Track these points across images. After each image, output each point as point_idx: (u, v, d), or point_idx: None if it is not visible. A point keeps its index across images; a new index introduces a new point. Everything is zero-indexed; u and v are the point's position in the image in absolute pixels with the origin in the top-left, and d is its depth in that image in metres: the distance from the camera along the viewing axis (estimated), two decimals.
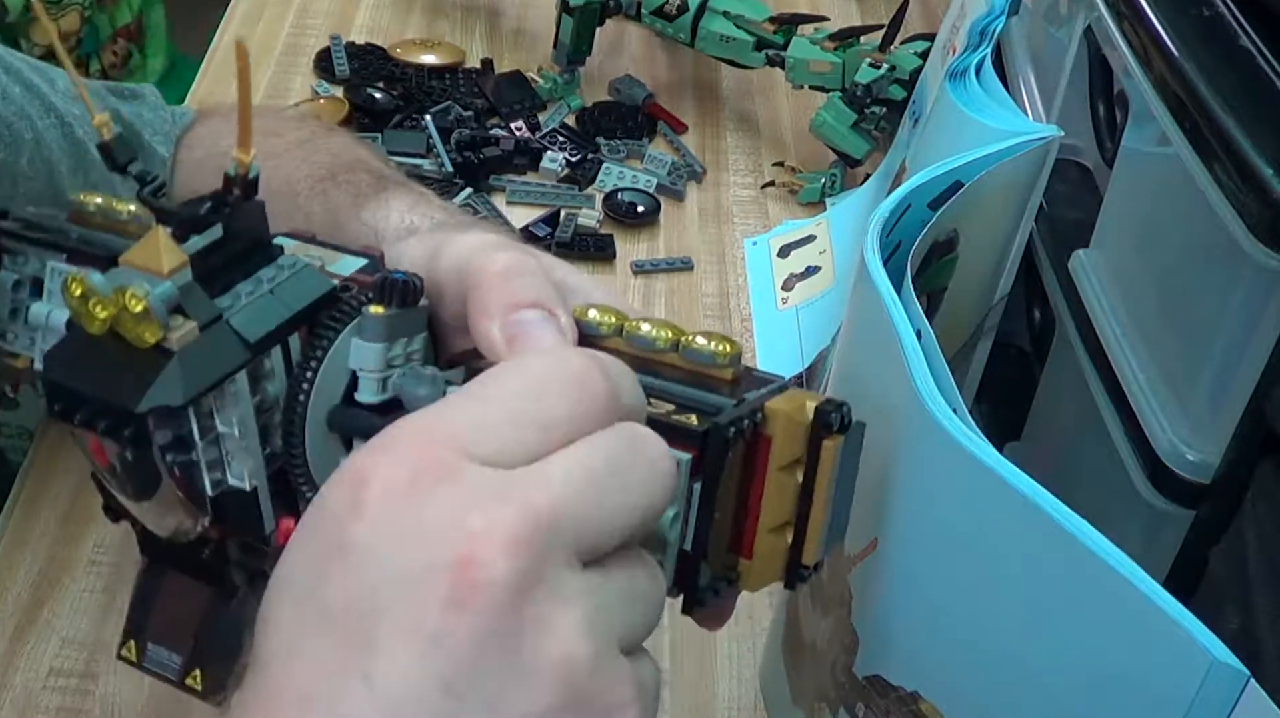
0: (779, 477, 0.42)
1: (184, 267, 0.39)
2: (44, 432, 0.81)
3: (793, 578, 0.43)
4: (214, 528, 0.42)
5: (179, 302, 0.39)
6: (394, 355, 0.43)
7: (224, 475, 0.42)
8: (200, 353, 0.39)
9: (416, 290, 0.43)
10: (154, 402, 0.38)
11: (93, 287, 0.38)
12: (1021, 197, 0.62)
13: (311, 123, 0.75)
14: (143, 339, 0.38)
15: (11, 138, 0.66)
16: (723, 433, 0.40)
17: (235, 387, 0.40)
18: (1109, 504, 0.61)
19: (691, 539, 0.41)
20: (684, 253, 1.01)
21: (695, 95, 1.17)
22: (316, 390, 0.42)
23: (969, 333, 0.67)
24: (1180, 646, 0.37)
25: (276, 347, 0.42)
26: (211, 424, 0.41)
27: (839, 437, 0.41)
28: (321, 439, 0.43)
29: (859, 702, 0.53)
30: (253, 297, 0.41)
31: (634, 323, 0.44)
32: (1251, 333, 0.53)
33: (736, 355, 0.43)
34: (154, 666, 0.44)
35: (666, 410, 0.41)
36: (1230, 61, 0.56)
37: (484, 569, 0.32)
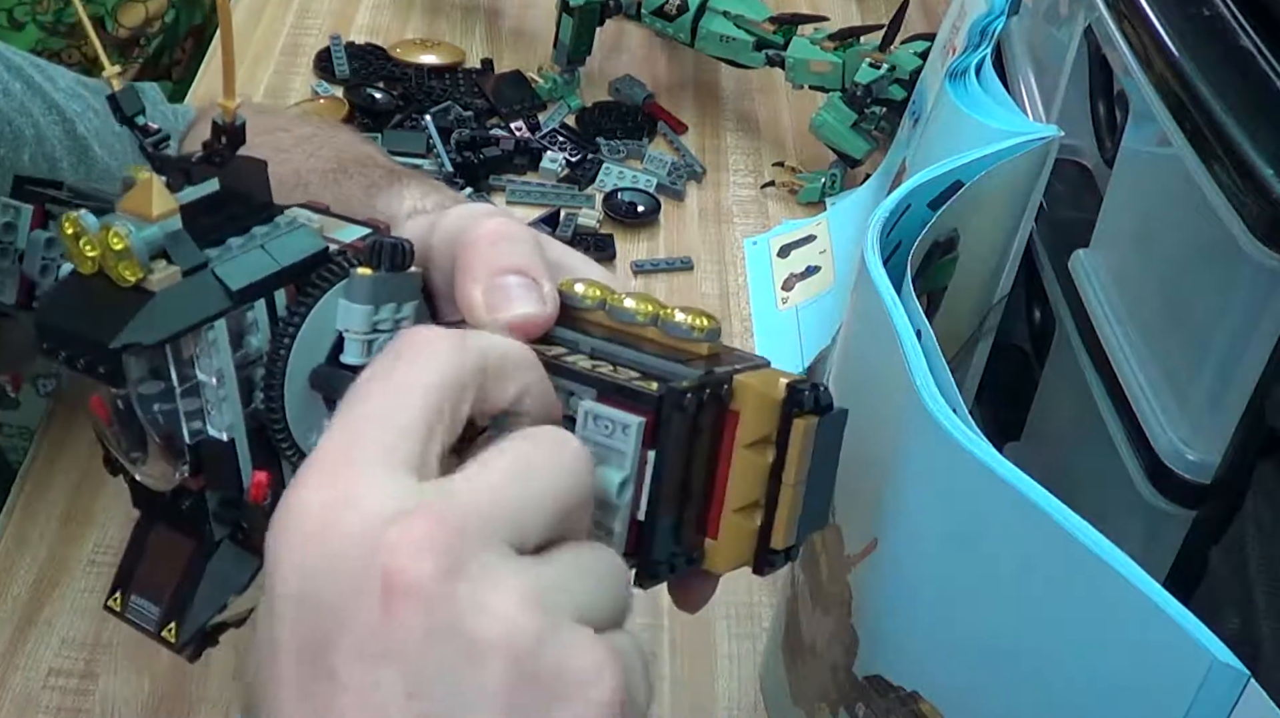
0: (747, 454, 0.41)
1: (173, 214, 0.40)
2: (44, 432, 0.81)
3: (762, 563, 0.42)
4: (193, 479, 0.43)
5: (164, 246, 0.40)
6: (381, 319, 0.43)
7: (203, 425, 0.42)
8: (180, 296, 0.40)
9: (406, 254, 0.43)
10: (128, 338, 0.39)
11: (84, 226, 0.39)
12: (1021, 197, 0.62)
13: (316, 120, 0.76)
14: (124, 278, 0.39)
15: (13, 134, 0.66)
16: (677, 397, 0.39)
17: (214, 334, 0.41)
18: (1109, 504, 0.61)
19: (646, 507, 0.40)
20: (684, 253, 1.01)
21: (695, 95, 1.17)
22: (301, 349, 0.43)
23: (969, 333, 0.67)
24: (1180, 646, 0.37)
25: (261, 301, 0.42)
26: (192, 373, 0.41)
27: (811, 417, 0.40)
28: (304, 398, 0.43)
29: (859, 702, 0.53)
30: (242, 249, 0.42)
31: (617, 297, 0.44)
32: (1251, 333, 0.53)
33: (714, 330, 0.42)
34: (134, 616, 0.45)
35: (630, 377, 0.40)
36: (1230, 61, 0.56)
37: (407, 573, 0.33)
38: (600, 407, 0.39)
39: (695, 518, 0.42)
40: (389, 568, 0.33)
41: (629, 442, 0.39)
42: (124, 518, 0.76)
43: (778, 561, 0.42)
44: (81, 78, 0.75)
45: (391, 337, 0.43)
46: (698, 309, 0.43)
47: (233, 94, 0.41)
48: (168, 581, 0.44)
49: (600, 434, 0.39)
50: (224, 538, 0.44)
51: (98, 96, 0.74)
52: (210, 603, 0.44)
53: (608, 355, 0.42)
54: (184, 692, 0.68)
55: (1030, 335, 0.75)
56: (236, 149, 0.42)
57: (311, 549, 0.34)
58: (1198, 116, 0.54)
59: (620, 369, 0.41)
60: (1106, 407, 0.63)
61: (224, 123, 0.42)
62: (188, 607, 0.44)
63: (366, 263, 0.43)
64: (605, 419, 0.39)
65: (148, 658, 0.69)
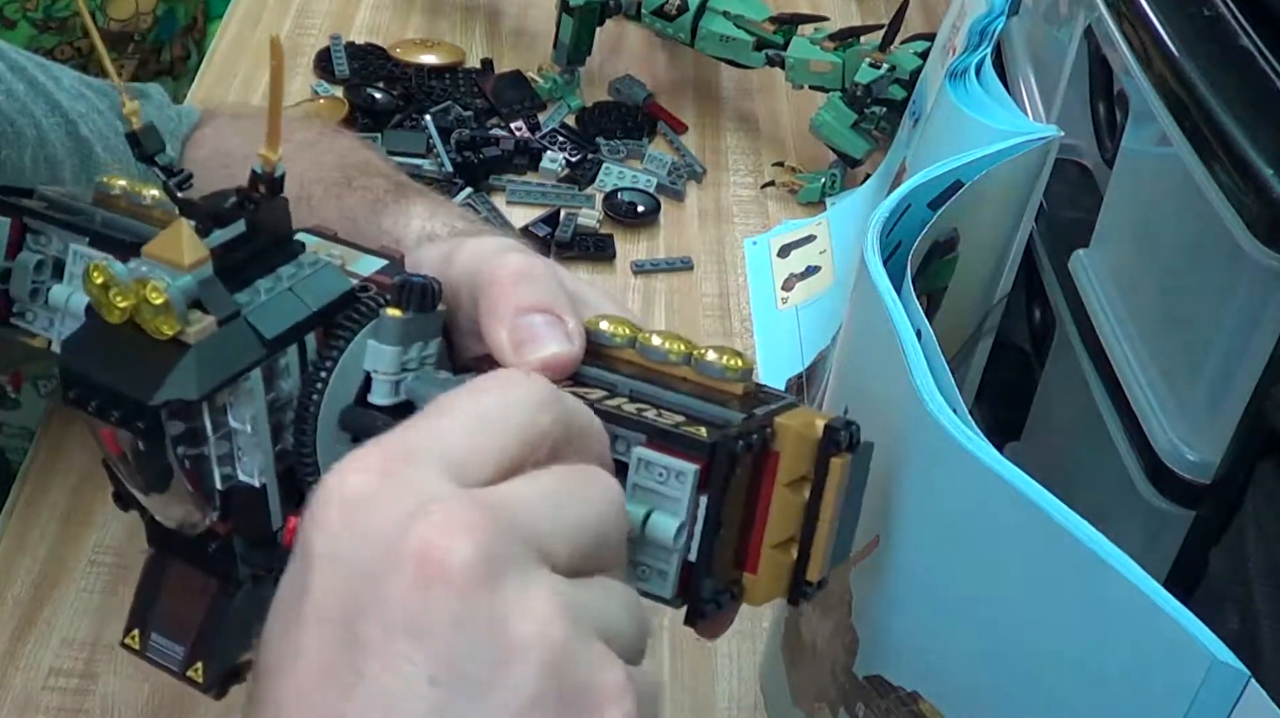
0: (785, 493, 0.42)
1: (205, 261, 0.39)
2: (44, 432, 0.81)
3: (796, 595, 0.43)
4: (221, 523, 0.42)
5: (198, 295, 0.39)
6: (408, 359, 0.43)
7: (234, 471, 0.42)
8: (217, 348, 0.39)
9: (435, 295, 0.43)
10: (168, 395, 0.38)
11: (114, 276, 0.38)
12: (1021, 196, 0.62)
13: (317, 124, 0.76)
14: (160, 331, 0.39)
15: (15, 134, 0.66)
16: (730, 446, 0.40)
17: (250, 383, 0.41)
18: (1109, 504, 0.61)
19: (697, 551, 0.41)
20: (684, 253, 1.01)
21: (695, 95, 1.17)
22: (331, 391, 0.42)
23: (969, 333, 0.67)
24: (1180, 646, 0.37)
25: (293, 344, 0.42)
26: (224, 420, 0.41)
27: (847, 455, 0.42)
28: (333, 439, 0.43)
29: (859, 702, 0.53)
30: (271, 293, 0.42)
31: (646, 334, 0.44)
32: (1251, 333, 0.53)
33: (748, 371, 0.43)
34: (156, 656, 0.44)
35: (676, 422, 0.41)
36: (1230, 61, 0.56)
37: (448, 553, 0.33)
38: (653, 453, 0.40)
39: (733, 553, 0.43)
40: (427, 544, 0.33)
41: (684, 488, 0.39)
42: (124, 519, 0.76)
43: (810, 592, 0.43)
44: (85, 78, 0.75)
45: (418, 375, 0.43)
46: (729, 349, 0.43)
47: (276, 146, 0.40)
48: (190, 620, 0.44)
49: (653, 480, 0.40)
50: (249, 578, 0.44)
51: (101, 97, 0.74)
52: (237, 643, 0.44)
53: (648, 398, 0.43)
54: (184, 692, 0.67)
55: (1030, 335, 0.75)
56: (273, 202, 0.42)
57: (357, 518, 0.34)
58: (1198, 116, 0.54)
59: (664, 413, 0.41)
60: (1106, 407, 0.63)
61: (264, 172, 0.41)
62: (213, 647, 0.44)
63: (395, 304, 0.43)
64: (659, 467, 0.40)
65: None
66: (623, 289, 0.97)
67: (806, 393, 0.86)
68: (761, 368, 0.90)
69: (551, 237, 0.99)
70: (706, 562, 0.41)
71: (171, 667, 0.44)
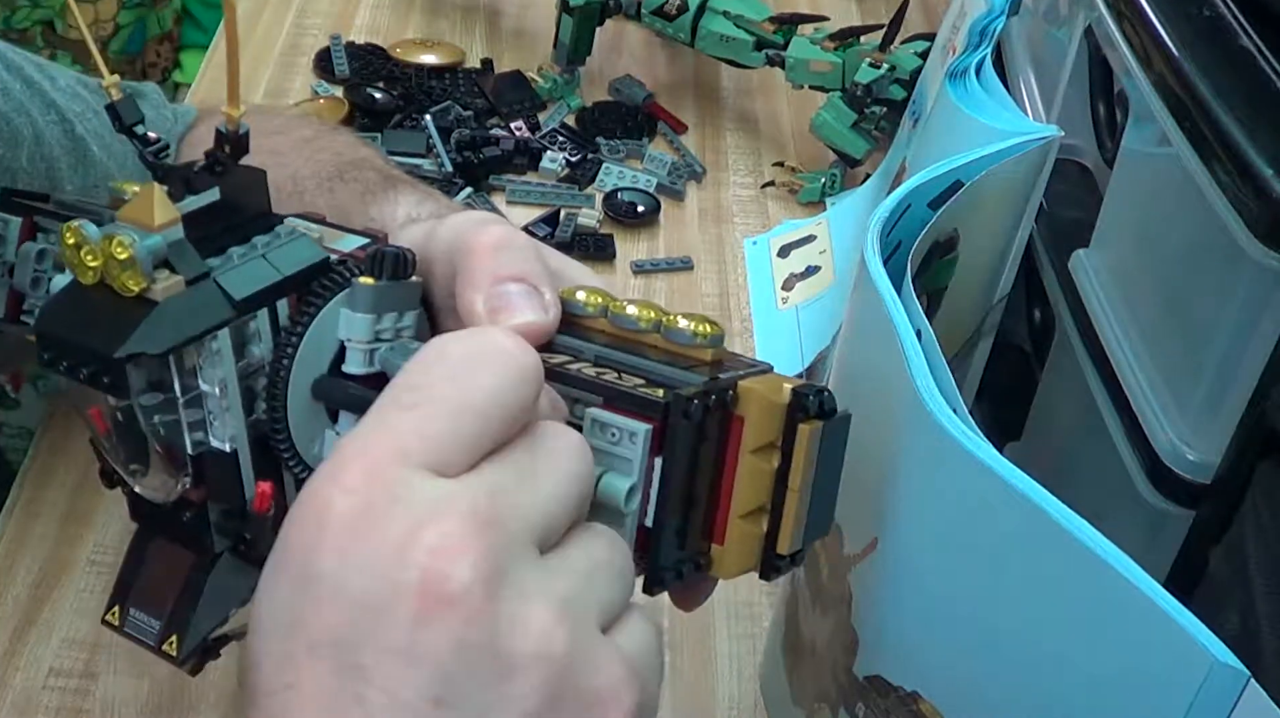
0: (752, 460, 0.41)
1: (175, 223, 0.40)
2: (44, 432, 0.81)
3: (768, 568, 0.42)
4: (195, 490, 0.43)
5: (167, 256, 0.40)
6: (383, 329, 0.43)
7: (205, 436, 0.42)
8: (184, 305, 0.40)
9: (408, 263, 0.43)
10: (132, 348, 0.39)
11: (85, 235, 0.39)
12: (1021, 196, 0.62)
13: (315, 122, 0.76)
14: (127, 288, 0.39)
15: (11, 134, 0.66)
16: (684, 405, 0.39)
17: (218, 343, 0.41)
18: (1109, 504, 0.61)
19: (653, 515, 0.40)
20: (684, 253, 1.01)
21: (695, 95, 1.17)
22: (303, 359, 0.43)
23: (969, 333, 0.67)
24: (1180, 646, 0.37)
25: (264, 310, 0.42)
26: (195, 383, 0.41)
27: (816, 422, 0.41)
28: (306, 408, 0.43)
29: (859, 702, 0.53)
30: (244, 259, 0.42)
31: (619, 303, 0.44)
32: (1251, 333, 0.53)
33: (718, 336, 0.43)
34: (134, 630, 0.45)
35: (634, 384, 0.40)
36: (1230, 61, 0.56)
37: (448, 582, 0.33)
38: (607, 414, 0.40)
39: (701, 524, 0.42)
40: (427, 572, 0.33)
41: (636, 449, 0.39)
42: (124, 518, 0.76)
43: (783, 566, 0.42)
44: (82, 77, 0.75)
45: (392, 346, 0.43)
46: (700, 315, 0.43)
47: (236, 102, 0.41)
48: (167, 594, 0.44)
49: (607, 442, 0.40)
50: (225, 550, 0.44)
51: (97, 97, 0.74)
52: (211, 616, 0.44)
53: (612, 363, 0.42)
54: (184, 692, 0.68)
55: (1030, 335, 0.75)
56: (240, 158, 0.42)
57: (350, 547, 0.34)
58: (1198, 116, 0.54)
59: (625, 376, 0.41)
60: (1106, 407, 0.63)
61: (228, 131, 0.41)
62: (188, 620, 0.44)
63: (368, 272, 0.43)
64: (612, 427, 0.39)
65: (148, 659, 0.68)
66: (623, 289, 0.97)
67: None
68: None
69: (551, 237, 0.99)
70: (661, 527, 0.40)
71: (147, 641, 0.44)
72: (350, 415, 0.44)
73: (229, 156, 0.42)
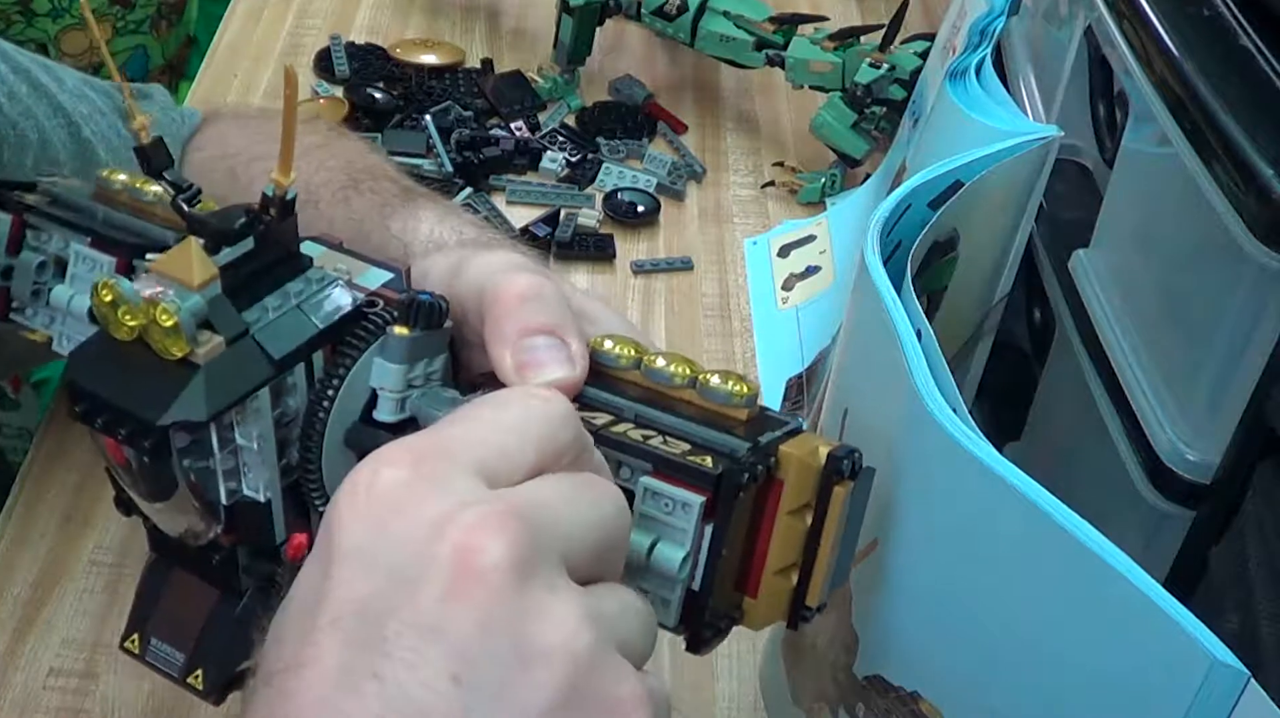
0: (788, 520, 0.42)
1: (214, 279, 0.39)
2: (44, 432, 0.81)
3: (795, 618, 0.44)
4: (225, 535, 0.43)
5: (206, 315, 0.39)
6: (414, 376, 0.43)
7: (239, 486, 0.42)
8: (225, 368, 0.39)
9: (442, 313, 0.43)
10: (177, 416, 0.38)
11: (123, 294, 0.38)
12: (1021, 196, 0.62)
13: (322, 127, 0.75)
14: (170, 352, 0.39)
15: (17, 137, 0.66)
16: (736, 478, 0.40)
17: (258, 403, 0.41)
18: (1109, 504, 0.61)
19: (701, 580, 0.41)
20: (684, 253, 1.01)
21: (695, 95, 1.17)
22: (337, 409, 0.43)
23: (969, 333, 0.67)
24: (1180, 646, 0.37)
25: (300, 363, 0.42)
26: (231, 437, 0.41)
27: (849, 483, 0.42)
28: (338, 455, 0.43)
29: (859, 702, 0.53)
30: (279, 311, 0.41)
31: (651, 356, 0.44)
32: (1251, 333, 0.53)
33: (753, 397, 0.43)
34: (156, 661, 0.45)
35: (682, 451, 0.41)
36: (1230, 61, 0.56)
37: (481, 555, 0.33)
38: (659, 483, 0.40)
39: (735, 577, 0.43)
40: (460, 548, 0.33)
41: (690, 519, 0.40)
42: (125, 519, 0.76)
43: (810, 616, 0.44)
44: (88, 79, 0.75)
45: (424, 392, 0.43)
46: (733, 374, 0.44)
47: (288, 170, 0.40)
48: (191, 627, 0.44)
49: (659, 510, 0.40)
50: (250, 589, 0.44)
51: (104, 98, 0.74)
52: (237, 651, 0.44)
53: (652, 423, 0.43)
54: (184, 693, 0.68)
55: (1030, 335, 0.75)
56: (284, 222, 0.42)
57: (388, 517, 0.34)
58: (1198, 116, 0.54)
59: (670, 440, 0.42)
60: (1106, 407, 0.63)
61: (275, 195, 0.41)
62: (212, 655, 0.44)
63: (403, 321, 0.43)
64: (666, 497, 0.40)
65: None
66: (623, 289, 0.97)
67: (806, 393, 0.86)
68: (761, 368, 0.90)
69: (551, 237, 0.99)
70: (709, 591, 0.41)
71: (171, 673, 0.44)
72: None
73: (274, 219, 0.41)
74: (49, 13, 1.38)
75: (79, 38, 1.40)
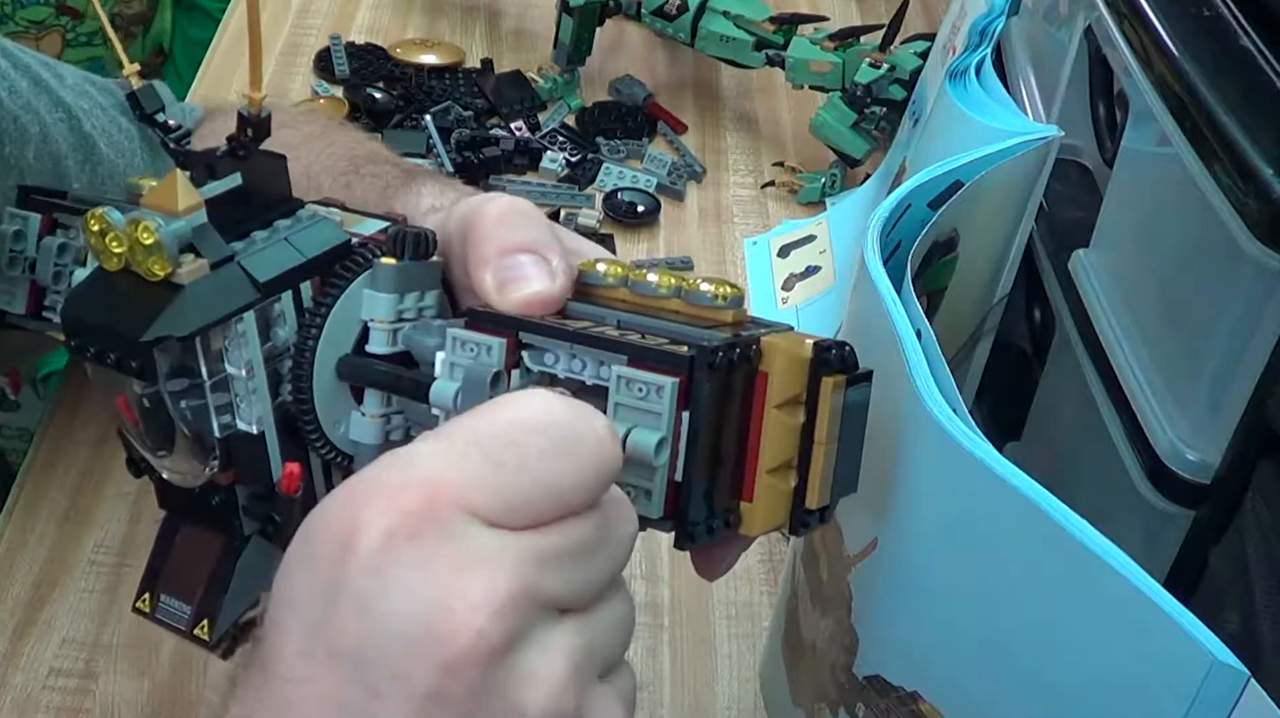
0: (778, 415, 0.41)
1: (199, 208, 0.40)
2: (44, 432, 0.81)
3: (797, 524, 0.43)
4: (223, 474, 0.43)
5: (191, 240, 0.40)
6: (405, 308, 0.44)
7: (232, 419, 0.43)
8: (209, 289, 0.40)
9: (429, 242, 0.44)
10: (159, 331, 0.39)
11: (110, 222, 0.40)
12: (1021, 197, 0.62)
13: (320, 118, 0.76)
14: (153, 272, 0.40)
15: (18, 131, 0.67)
16: (708, 358, 0.39)
17: (243, 326, 0.41)
18: (1109, 504, 0.61)
19: (682, 469, 0.40)
20: (684, 253, 1.01)
21: (695, 95, 1.17)
22: (327, 339, 0.43)
23: (969, 333, 0.67)
24: (1180, 646, 0.37)
25: (288, 293, 0.43)
26: (221, 367, 0.42)
27: (839, 375, 0.41)
28: (331, 389, 0.44)
29: (859, 702, 0.53)
30: (267, 242, 0.42)
31: (640, 272, 0.44)
32: (1251, 333, 0.53)
33: (738, 298, 0.43)
34: (164, 617, 0.45)
35: (659, 343, 0.40)
36: (1230, 61, 0.56)
37: (482, 639, 0.33)
38: (633, 371, 0.40)
39: (730, 482, 0.42)
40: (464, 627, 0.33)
41: (664, 403, 0.39)
42: (124, 518, 0.76)
43: (812, 521, 0.43)
44: (90, 75, 0.75)
45: (415, 325, 0.44)
46: (722, 279, 0.43)
47: (259, 85, 0.41)
48: (198, 579, 0.45)
49: (634, 397, 0.40)
50: (254, 533, 0.44)
51: (105, 94, 0.74)
52: (242, 599, 0.44)
53: (634, 326, 0.42)
54: (184, 693, 0.68)
55: (1030, 335, 0.75)
56: (262, 141, 0.43)
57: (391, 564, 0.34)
58: (1198, 116, 0.54)
59: (649, 337, 0.41)
60: (1106, 407, 0.63)
61: (249, 114, 0.42)
62: (219, 604, 0.44)
63: (390, 253, 0.43)
64: (639, 382, 0.40)
65: (148, 658, 0.69)
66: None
67: None
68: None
69: None
70: (690, 482, 0.40)
71: (179, 626, 0.45)
72: (376, 394, 0.44)
73: (252, 140, 0.42)
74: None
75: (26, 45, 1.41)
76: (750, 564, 0.77)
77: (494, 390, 0.41)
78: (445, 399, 0.41)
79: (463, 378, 0.41)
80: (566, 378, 0.42)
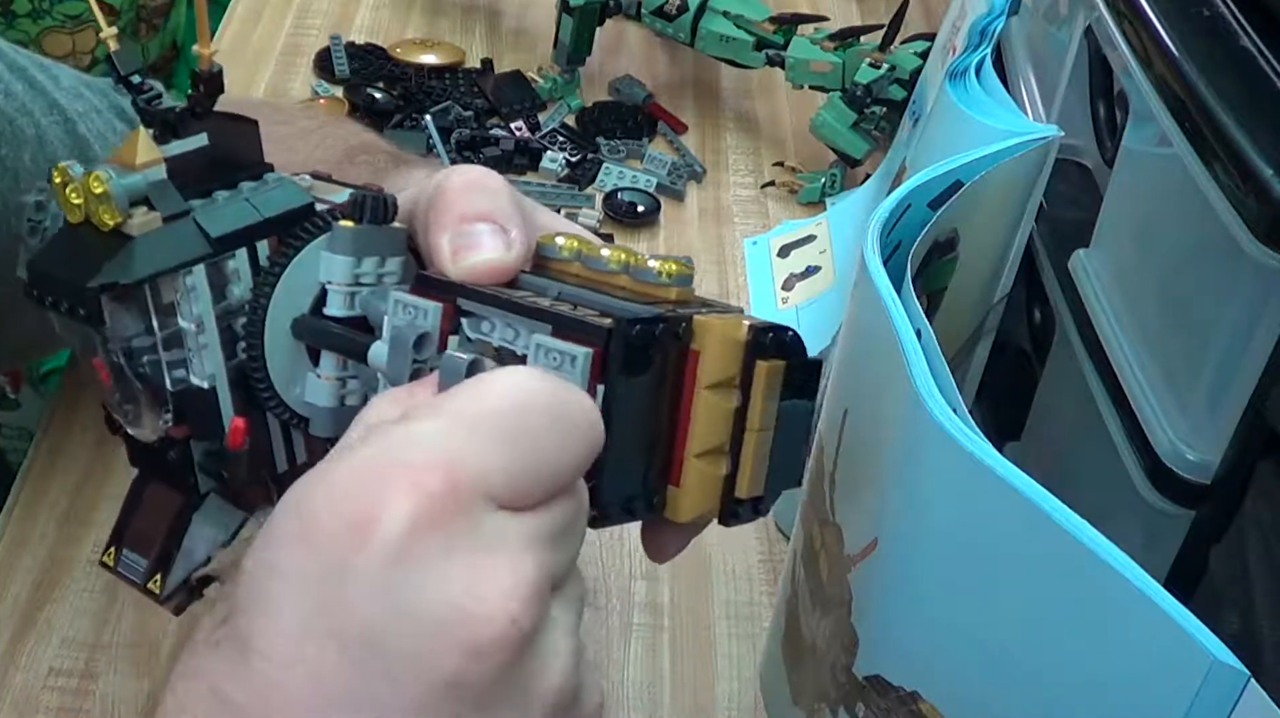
0: (709, 397, 0.40)
1: (157, 163, 0.41)
2: (44, 432, 0.81)
3: (727, 514, 0.42)
4: (177, 428, 0.44)
5: (147, 194, 0.41)
6: (364, 273, 0.44)
7: (185, 374, 0.43)
8: (160, 241, 0.41)
9: (388, 207, 0.44)
10: (105, 278, 0.40)
11: (71, 175, 0.41)
12: (1021, 197, 0.62)
13: (318, 113, 0.76)
14: (104, 222, 0.40)
15: (14, 134, 0.67)
16: (626, 330, 0.38)
17: (193, 279, 0.42)
18: (1109, 504, 0.61)
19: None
20: (684, 253, 1.00)
21: (695, 95, 1.17)
22: (281, 299, 0.43)
23: (969, 333, 0.67)
24: (1180, 646, 0.37)
25: (243, 251, 0.43)
26: (173, 320, 0.42)
27: (777, 360, 0.40)
28: (286, 349, 0.44)
29: (859, 702, 0.53)
30: (227, 201, 0.43)
31: (594, 247, 0.44)
32: (1251, 333, 0.53)
33: (685, 276, 0.42)
34: (125, 570, 0.46)
35: (585, 314, 0.39)
36: (1230, 61, 0.56)
37: (515, 625, 0.33)
38: (550, 339, 0.39)
39: (659, 464, 0.41)
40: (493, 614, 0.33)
41: (576, 373, 0.38)
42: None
43: (744, 513, 0.42)
44: (85, 78, 0.75)
45: (374, 290, 0.44)
46: (674, 258, 0.42)
47: (207, 41, 0.42)
48: (156, 534, 0.45)
49: (551, 367, 0.39)
50: (210, 490, 0.45)
51: (100, 97, 0.74)
52: (194, 555, 0.45)
53: (572, 298, 0.42)
54: None
55: (1030, 335, 0.75)
56: (216, 97, 0.43)
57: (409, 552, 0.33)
58: (1198, 116, 0.54)
59: (579, 308, 0.40)
60: (1106, 407, 0.63)
61: (201, 71, 0.42)
62: (171, 557, 0.45)
63: (349, 215, 0.44)
64: (555, 352, 0.38)
65: (148, 658, 0.69)
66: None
67: None
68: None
69: None
70: (604, 460, 0.39)
71: (135, 579, 0.45)
72: (331, 357, 0.44)
73: (204, 96, 0.42)
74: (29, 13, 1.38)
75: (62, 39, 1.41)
76: (750, 564, 0.77)
77: (418, 352, 0.41)
78: (380, 359, 0.41)
79: (389, 338, 0.41)
80: (500, 346, 0.41)
